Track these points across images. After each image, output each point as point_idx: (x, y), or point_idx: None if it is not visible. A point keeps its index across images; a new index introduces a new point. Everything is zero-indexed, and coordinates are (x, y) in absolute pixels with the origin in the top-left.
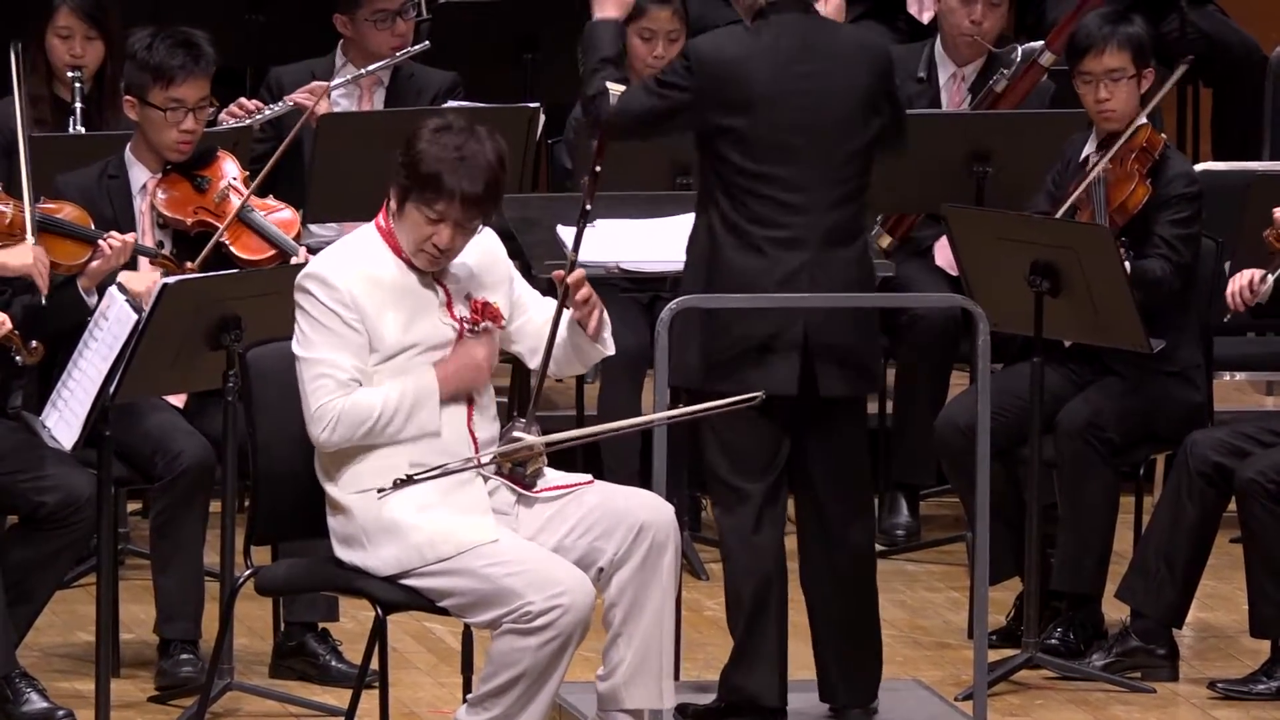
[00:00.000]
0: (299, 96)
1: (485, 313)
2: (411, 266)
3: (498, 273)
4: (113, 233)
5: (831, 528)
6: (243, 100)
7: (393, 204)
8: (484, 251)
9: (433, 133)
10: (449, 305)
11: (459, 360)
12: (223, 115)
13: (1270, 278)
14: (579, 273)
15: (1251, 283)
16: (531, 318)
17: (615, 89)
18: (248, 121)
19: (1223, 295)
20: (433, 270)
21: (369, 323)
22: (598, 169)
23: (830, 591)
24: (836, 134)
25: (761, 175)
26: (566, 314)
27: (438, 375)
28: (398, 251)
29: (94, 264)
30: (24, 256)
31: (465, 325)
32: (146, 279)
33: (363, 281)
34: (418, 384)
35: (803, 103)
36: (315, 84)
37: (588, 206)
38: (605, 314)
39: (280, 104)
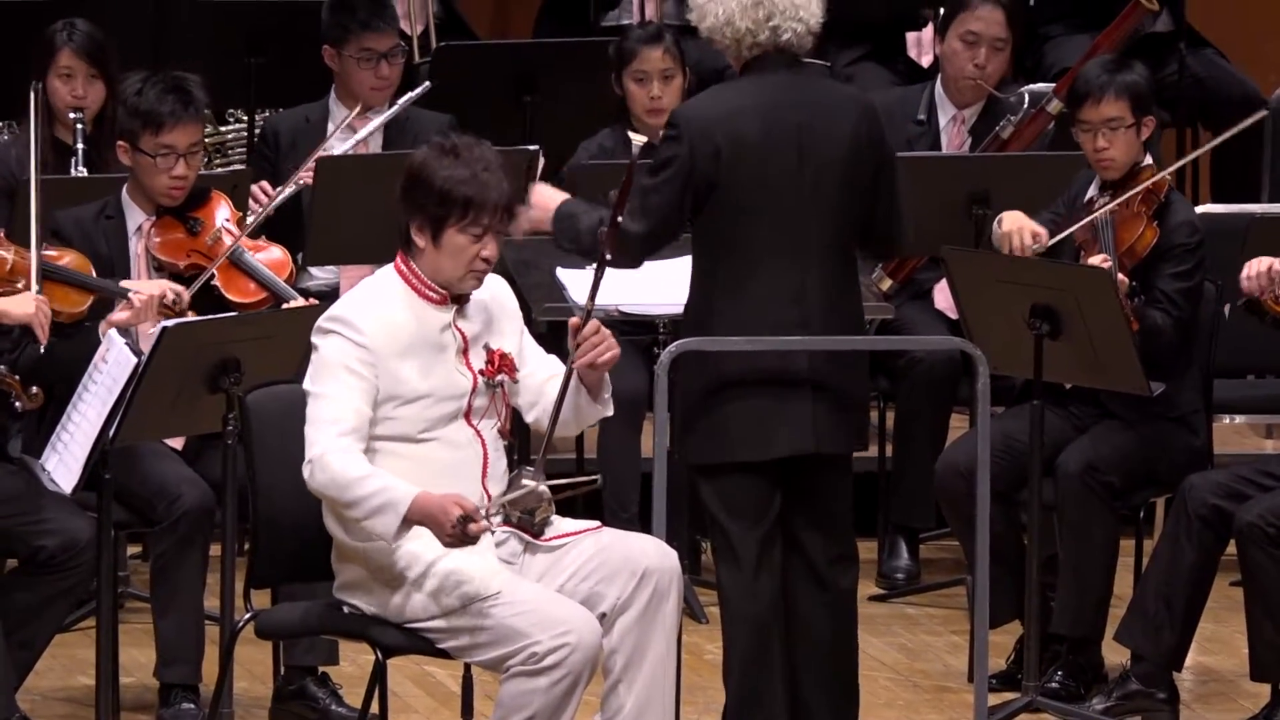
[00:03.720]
0: (306, 176)
1: (502, 365)
2: (436, 307)
3: (511, 321)
4: (137, 288)
5: (818, 574)
6: (265, 186)
7: (419, 241)
8: (497, 298)
9: (438, 161)
10: (465, 352)
11: (438, 506)
12: (251, 205)
13: None
14: (594, 323)
15: (1271, 268)
16: (533, 371)
17: (638, 139)
18: (269, 207)
19: (1223, 332)
20: (476, 289)
21: (388, 368)
22: (618, 218)
23: (815, 636)
24: (826, 186)
25: (752, 228)
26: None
27: (415, 500)
28: (420, 294)
29: (119, 316)
30: (25, 306)
31: (480, 377)
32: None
33: (383, 327)
34: (395, 495)
35: (792, 155)
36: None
37: (606, 256)
38: (607, 373)
39: (291, 185)
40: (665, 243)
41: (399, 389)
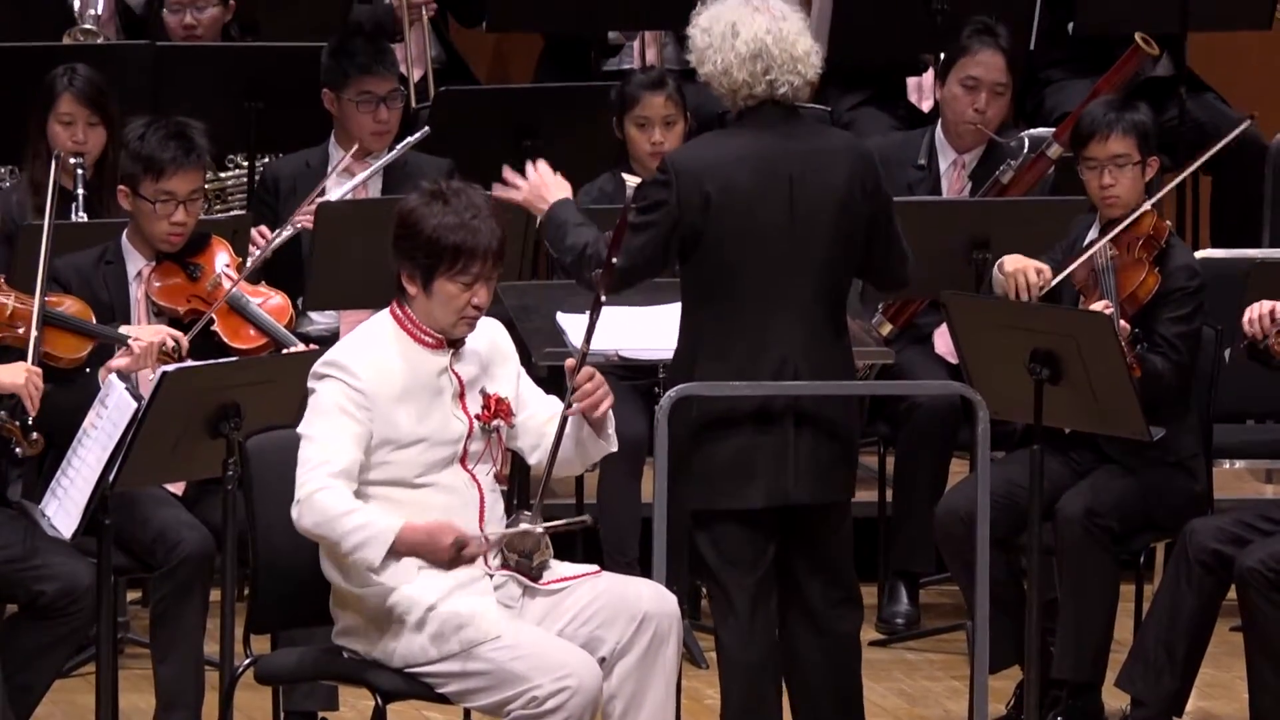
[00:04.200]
0: (301, 219)
1: (498, 409)
2: (431, 351)
3: (507, 366)
4: (137, 334)
5: (816, 619)
6: (263, 230)
7: (411, 289)
8: (493, 343)
9: (427, 207)
10: (462, 397)
11: (428, 534)
12: (250, 248)
13: None
14: (587, 370)
15: (1273, 311)
16: (534, 414)
17: (632, 180)
18: (270, 247)
19: (1224, 377)
20: (468, 334)
21: (383, 412)
22: (614, 260)
23: (814, 681)
24: (816, 239)
25: (738, 279)
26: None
27: (402, 531)
28: (415, 338)
29: (119, 363)
30: (15, 375)
31: (476, 422)
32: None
33: (378, 372)
34: (379, 528)
35: (782, 207)
36: (318, 200)
37: (602, 299)
38: (610, 410)
39: (288, 228)
40: (641, 280)
41: (394, 433)
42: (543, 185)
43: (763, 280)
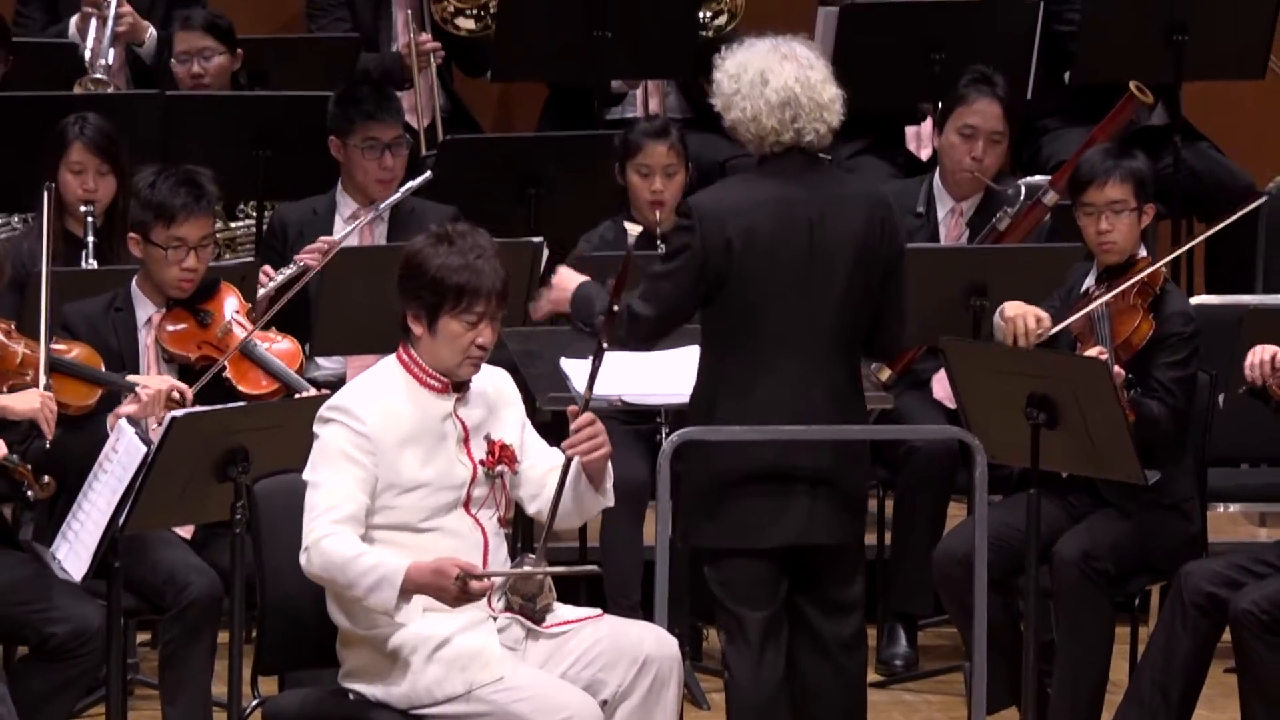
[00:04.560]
0: (306, 257)
1: (502, 455)
2: (437, 395)
3: (511, 412)
4: (145, 383)
5: (832, 657)
6: (267, 269)
7: (416, 329)
8: (499, 389)
9: (433, 249)
10: (466, 442)
11: (433, 572)
12: (258, 284)
13: None
14: (588, 416)
15: (1275, 358)
16: (535, 464)
17: (633, 229)
18: (271, 286)
19: (1218, 421)
20: (473, 375)
21: (387, 457)
22: (614, 307)
23: (825, 714)
24: (835, 283)
25: (760, 322)
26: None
27: (409, 571)
28: (422, 382)
29: (127, 409)
30: (30, 401)
31: (481, 468)
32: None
33: (384, 416)
34: (389, 569)
35: (803, 252)
36: (322, 240)
37: (604, 345)
38: (609, 463)
39: (292, 266)
40: (674, 327)
41: (398, 478)
42: (560, 286)
43: (783, 322)
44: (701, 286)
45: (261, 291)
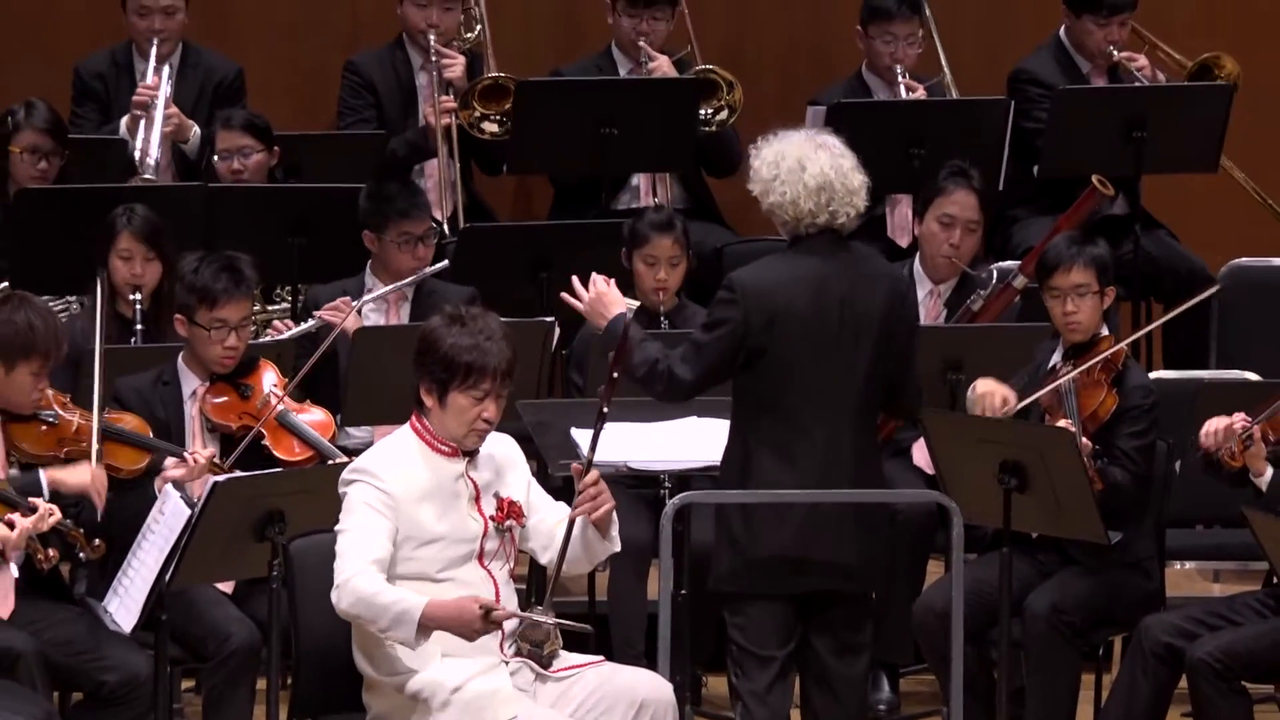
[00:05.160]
0: (324, 314)
1: (511, 511)
2: (448, 459)
3: (517, 473)
4: (196, 449)
5: (836, 695)
6: (276, 322)
7: (428, 401)
8: (506, 454)
9: (446, 329)
10: (477, 500)
11: (456, 607)
12: (268, 331)
13: (1255, 427)
14: (594, 473)
15: (1229, 427)
16: (544, 518)
17: (631, 303)
18: (283, 337)
19: (1175, 486)
20: (479, 445)
21: (407, 512)
22: (614, 375)
23: None
24: (862, 355)
25: (793, 390)
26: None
27: (427, 608)
28: (434, 448)
29: (174, 473)
30: (83, 476)
31: (491, 522)
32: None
33: (401, 476)
34: (410, 604)
35: (834, 326)
36: (340, 300)
37: (605, 410)
38: (614, 513)
39: (310, 320)
40: (709, 388)
41: (417, 531)
42: (604, 301)
43: (814, 388)
44: (739, 356)
45: (280, 337)
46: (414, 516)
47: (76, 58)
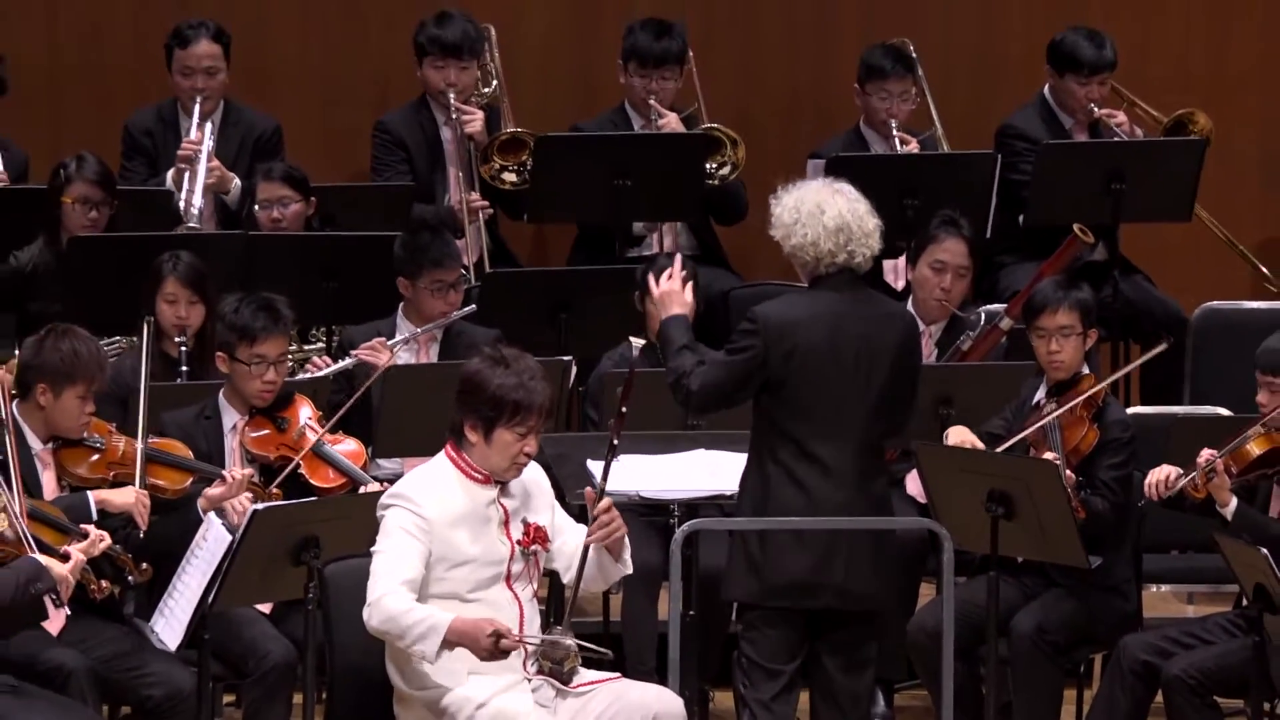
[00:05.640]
0: (361, 353)
1: (536, 536)
2: (481, 486)
3: (544, 500)
4: (233, 467)
5: (841, 708)
6: (315, 359)
7: (472, 437)
8: (534, 481)
9: (490, 370)
10: (506, 524)
11: (472, 626)
12: (306, 368)
13: (1183, 480)
14: (607, 501)
15: (1168, 478)
16: (567, 540)
17: (637, 342)
18: (321, 374)
19: (1152, 515)
20: (518, 476)
21: (441, 535)
22: (624, 410)
23: None
24: (874, 389)
25: (809, 420)
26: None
27: (453, 623)
28: (469, 475)
29: (215, 492)
30: (127, 496)
31: (518, 546)
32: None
33: (438, 502)
34: (436, 620)
35: (850, 361)
36: (376, 341)
37: (615, 442)
38: (626, 538)
39: (347, 359)
40: (722, 407)
41: (451, 553)
42: (670, 297)
43: (829, 418)
44: (754, 382)
45: (318, 374)
46: (448, 539)
47: (126, 115)
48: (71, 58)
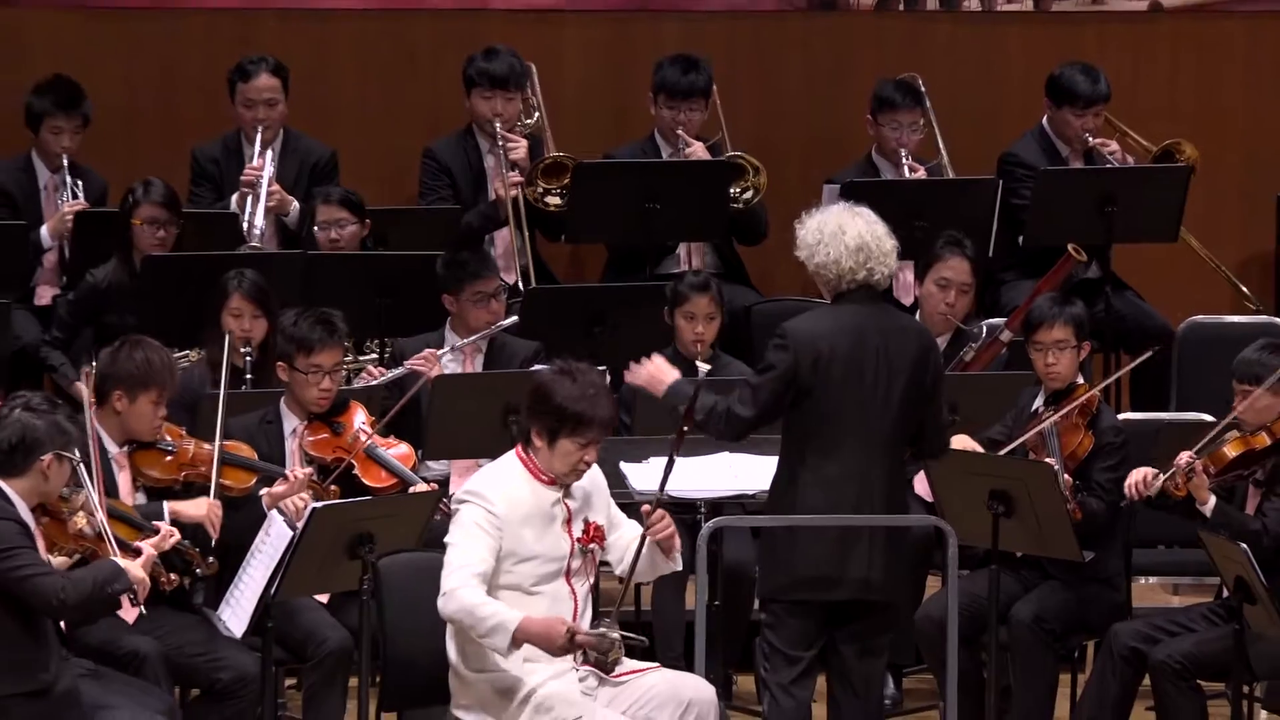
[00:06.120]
0: (413, 363)
1: (595, 535)
2: (547, 486)
3: (602, 498)
4: (295, 467)
5: (855, 691)
6: (370, 368)
7: (538, 442)
8: (594, 481)
9: (558, 382)
10: (569, 522)
11: (545, 626)
12: (360, 377)
13: (1160, 480)
14: (661, 510)
15: (1145, 479)
16: (622, 534)
17: (703, 367)
18: (375, 382)
19: (1141, 512)
20: (577, 480)
21: (511, 531)
22: (685, 430)
23: None
24: (894, 396)
25: (834, 425)
26: (647, 538)
27: (522, 622)
28: (536, 476)
29: (279, 489)
30: (200, 509)
31: (578, 544)
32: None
33: (508, 500)
34: (506, 617)
35: (873, 369)
36: (427, 351)
37: (674, 456)
38: (678, 539)
39: (400, 368)
40: (765, 425)
41: (519, 547)
42: (658, 372)
43: (852, 423)
44: (790, 395)
45: (373, 382)
46: (517, 535)
47: (193, 144)
48: (146, 95)
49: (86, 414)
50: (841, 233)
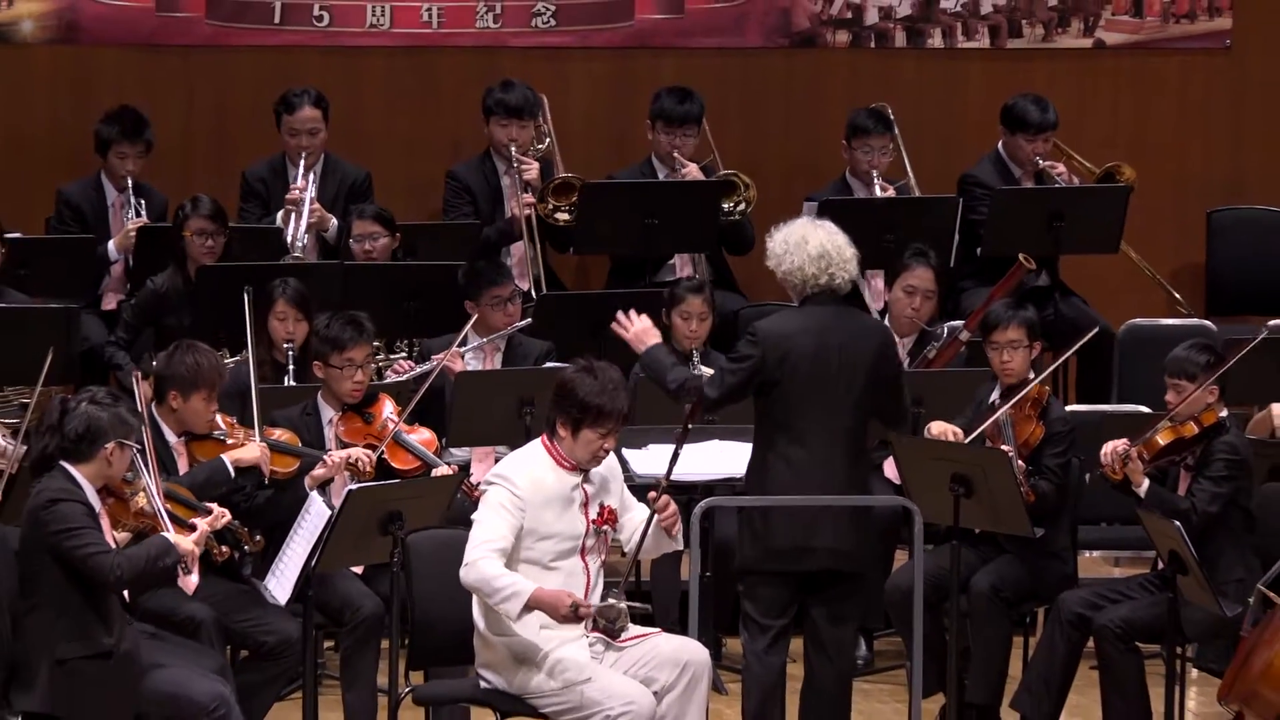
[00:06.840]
0: (442, 358)
1: (609, 518)
2: (569, 472)
3: (617, 484)
4: (333, 451)
5: (828, 655)
6: (399, 364)
7: (562, 432)
8: (610, 468)
9: (581, 378)
10: (586, 505)
11: (553, 596)
12: (389, 372)
13: (1132, 450)
14: (665, 499)
15: (1115, 448)
16: (633, 516)
17: (707, 371)
18: (404, 377)
19: (1086, 494)
20: (596, 466)
21: (534, 511)
22: (689, 425)
23: (819, 702)
24: (854, 388)
25: (800, 414)
26: (653, 521)
27: (535, 592)
28: (560, 462)
29: (318, 472)
30: (254, 452)
31: (593, 524)
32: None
33: (532, 482)
34: (521, 587)
35: (834, 364)
36: (452, 349)
37: (678, 450)
38: (680, 523)
39: (427, 364)
40: (727, 406)
41: (540, 526)
42: (644, 331)
43: (816, 413)
44: (754, 385)
45: (402, 377)
46: (538, 515)
47: (243, 167)
48: (201, 123)
49: (141, 408)
50: (805, 242)
